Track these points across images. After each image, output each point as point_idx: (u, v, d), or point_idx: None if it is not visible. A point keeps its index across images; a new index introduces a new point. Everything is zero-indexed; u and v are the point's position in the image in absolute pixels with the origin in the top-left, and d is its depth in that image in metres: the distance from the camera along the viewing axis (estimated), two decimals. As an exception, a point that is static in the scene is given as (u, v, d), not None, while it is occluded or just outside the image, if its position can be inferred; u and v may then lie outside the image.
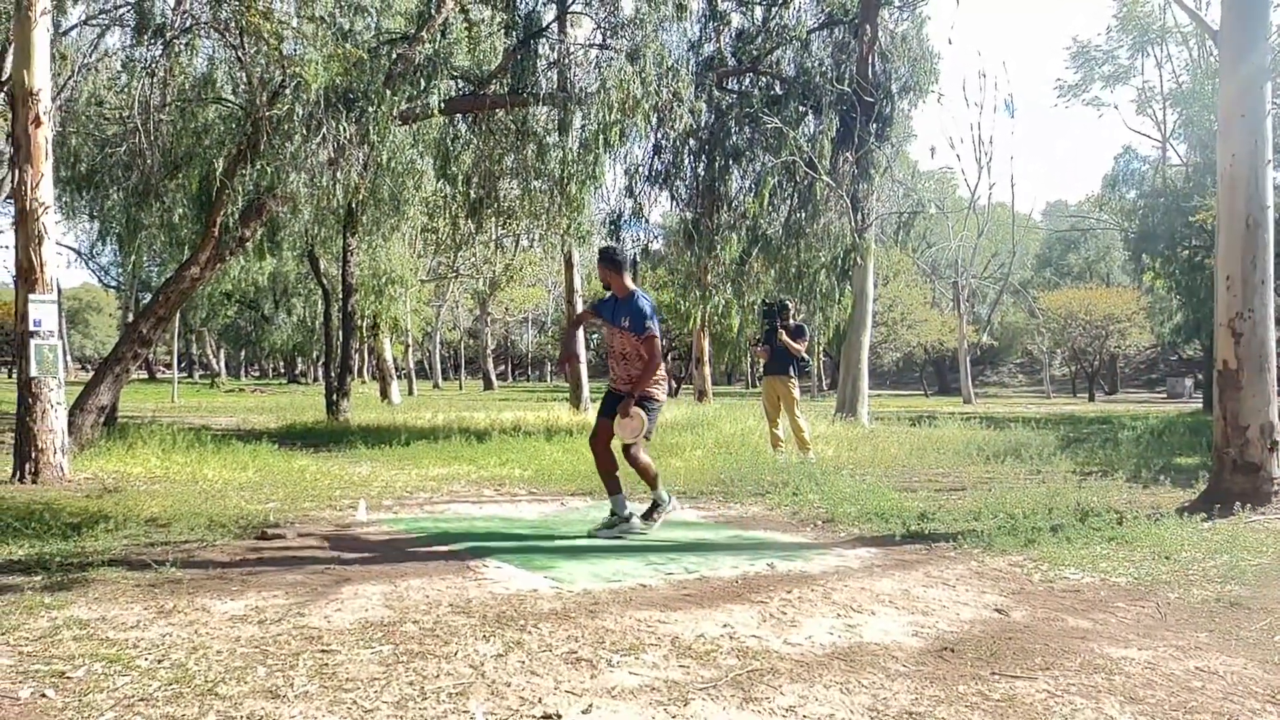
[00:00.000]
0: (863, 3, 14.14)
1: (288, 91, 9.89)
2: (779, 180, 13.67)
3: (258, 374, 66.96)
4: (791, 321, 9.64)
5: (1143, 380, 53.86)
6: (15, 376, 8.25)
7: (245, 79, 10.42)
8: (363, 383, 38.00)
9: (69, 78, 11.47)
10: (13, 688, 2.78)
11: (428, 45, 11.03)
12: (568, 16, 13.58)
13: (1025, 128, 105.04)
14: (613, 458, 5.70)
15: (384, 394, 27.59)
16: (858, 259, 14.05)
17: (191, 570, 4.36)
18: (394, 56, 10.96)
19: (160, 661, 3.02)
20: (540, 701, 2.72)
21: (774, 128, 13.19)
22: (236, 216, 10.31)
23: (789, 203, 14.14)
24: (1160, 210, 22.32)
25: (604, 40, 12.54)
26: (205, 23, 10.09)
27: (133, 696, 2.71)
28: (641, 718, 2.62)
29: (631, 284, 5.67)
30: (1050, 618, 3.72)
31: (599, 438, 5.71)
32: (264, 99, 9.99)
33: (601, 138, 11.48)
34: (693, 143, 14.16)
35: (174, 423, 12.56)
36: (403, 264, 22.13)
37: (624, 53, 11.68)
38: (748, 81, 14.68)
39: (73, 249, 28.21)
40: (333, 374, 17.32)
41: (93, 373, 10.97)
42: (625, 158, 14.07)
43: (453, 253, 24.51)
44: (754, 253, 13.82)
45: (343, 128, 9.99)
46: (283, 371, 61.07)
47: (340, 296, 16.99)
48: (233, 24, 9.67)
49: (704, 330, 25.35)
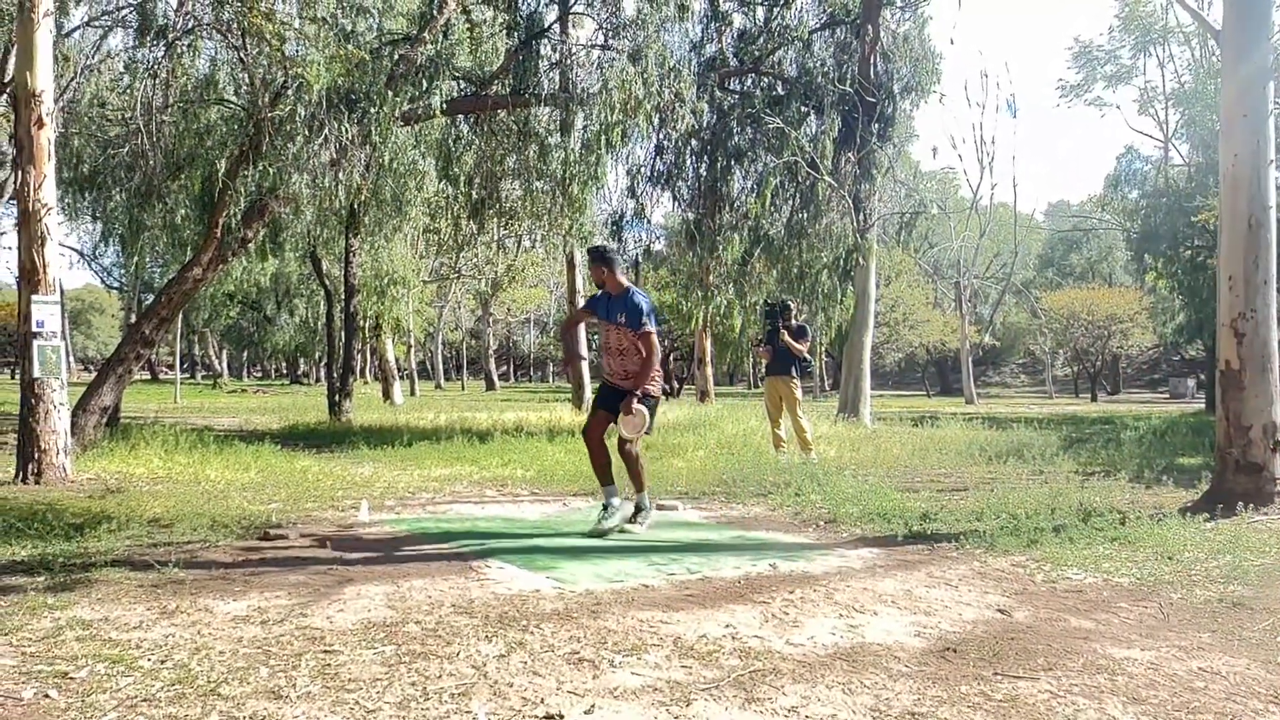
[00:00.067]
0: (865, 3, 14.14)
1: (290, 92, 9.90)
2: (781, 180, 13.66)
3: (260, 375, 67.07)
4: (793, 322, 9.65)
5: (1145, 380, 53.82)
6: (18, 377, 8.26)
7: (247, 80, 10.43)
8: (365, 383, 38.05)
9: (72, 79, 11.50)
10: (16, 688, 2.78)
11: (430, 46, 11.03)
12: (569, 17, 13.59)
13: (1027, 128, 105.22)
14: (606, 450, 5.72)
15: (386, 394, 27.61)
16: (860, 259, 14.05)
17: (194, 571, 4.37)
18: (396, 57, 10.97)
19: (163, 662, 3.02)
20: (542, 702, 2.72)
21: (776, 128, 13.19)
22: (239, 217, 10.31)
23: (791, 203, 14.15)
24: (1162, 210, 22.31)
25: (606, 41, 12.54)
26: (207, 24, 10.10)
27: (135, 697, 2.72)
28: (644, 718, 2.62)
29: (625, 280, 5.68)
30: (1053, 618, 3.72)
31: (593, 430, 5.73)
32: (266, 100, 10.00)
33: (603, 138, 11.49)
34: (695, 143, 14.16)
35: (176, 423, 12.58)
36: (405, 265, 22.15)
37: (626, 53, 11.68)
38: (750, 82, 14.68)
39: (75, 250, 28.26)
40: (335, 375, 17.32)
41: (95, 373, 10.99)
42: (627, 158, 14.11)
43: (455, 253, 24.54)
44: (756, 253, 13.82)
45: (345, 128, 10.00)
46: (285, 372, 61.16)
47: (342, 297, 17.01)
48: (235, 25, 9.68)
49: (706, 331, 25.37)
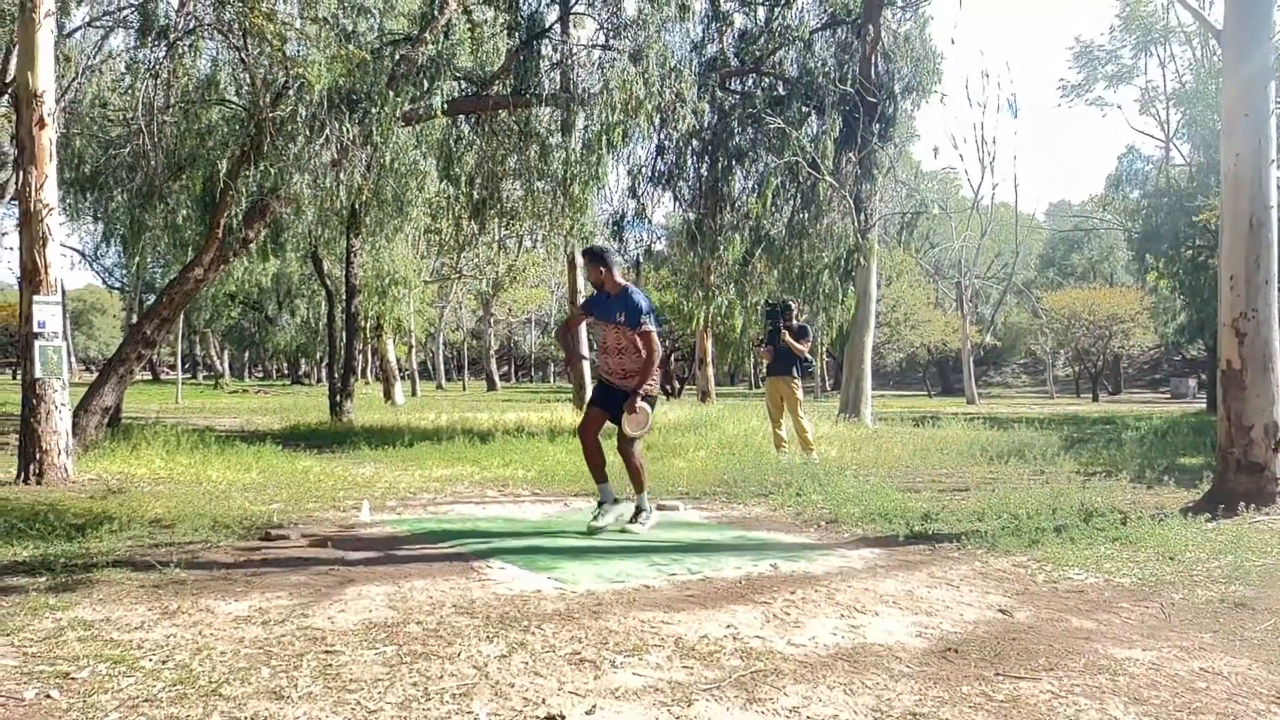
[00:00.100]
0: (865, 3, 14.14)
1: (291, 93, 9.91)
2: (782, 181, 13.67)
3: (261, 375, 67.13)
4: (794, 322, 9.64)
5: (1146, 380, 53.80)
6: (20, 378, 8.27)
7: (249, 80, 10.44)
8: (366, 384, 38.06)
9: (73, 80, 11.51)
10: (18, 688, 2.78)
11: (431, 46, 11.03)
12: (570, 17, 13.59)
13: (1028, 128, 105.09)
14: (601, 449, 5.72)
15: (387, 395, 27.63)
16: (861, 259, 14.05)
17: (195, 571, 4.37)
18: (397, 58, 10.97)
19: (164, 662, 3.02)
20: (544, 702, 2.72)
21: (777, 128, 13.20)
22: (240, 218, 10.32)
23: (792, 203, 14.15)
24: (1164, 210, 22.31)
25: (607, 41, 12.54)
26: (209, 24, 10.11)
27: (137, 697, 2.72)
28: (645, 718, 2.62)
29: (622, 279, 5.67)
30: (1054, 618, 3.71)
31: (589, 428, 5.73)
32: (267, 100, 10.01)
33: (604, 138, 11.49)
34: (695, 143, 14.16)
35: (178, 424, 12.59)
36: (406, 265, 22.16)
37: (627, 53, 11.68)
38: (750, 82, 14.68)
39: (77, 250, 28.29)
40: (336, 375, 17.33)
41: (97, 374, 10.99)
42: (628, 158, 14.12)
43: (456, 253, 24.60)
44: (757, 253, 13.83)
45: (346, 129, 10.00)
46: (286, 373, 61.20)
47: (344, 297, 17.02)
48: (236, 26, 9.69)
49: (707, 331, 25.37)
